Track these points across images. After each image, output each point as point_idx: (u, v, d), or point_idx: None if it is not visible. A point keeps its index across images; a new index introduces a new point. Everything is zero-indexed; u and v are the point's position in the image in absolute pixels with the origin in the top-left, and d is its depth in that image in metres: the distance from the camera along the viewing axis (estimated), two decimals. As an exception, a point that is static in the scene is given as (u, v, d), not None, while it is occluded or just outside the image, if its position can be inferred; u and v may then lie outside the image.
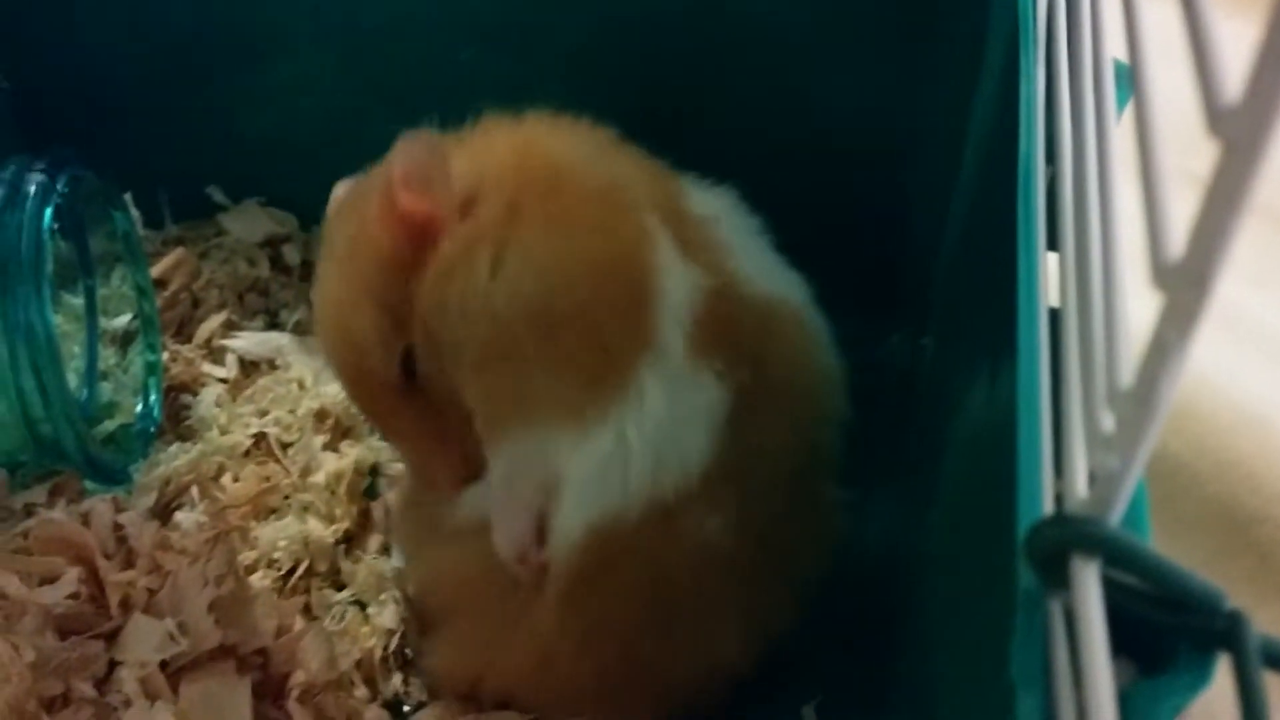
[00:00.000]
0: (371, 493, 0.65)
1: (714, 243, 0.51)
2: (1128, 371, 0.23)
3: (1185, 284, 0.20)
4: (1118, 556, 0.24)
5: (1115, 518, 0.24)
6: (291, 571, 0.59)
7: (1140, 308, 0.26)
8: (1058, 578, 0.25)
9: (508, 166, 0.49)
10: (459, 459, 0.51)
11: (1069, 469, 0.25)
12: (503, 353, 0.47)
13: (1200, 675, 0.25)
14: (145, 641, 0.48)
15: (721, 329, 0.48)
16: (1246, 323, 0.65)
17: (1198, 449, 0.59)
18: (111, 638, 0.49)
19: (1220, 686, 0.26)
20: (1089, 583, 0.24)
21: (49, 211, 0.55)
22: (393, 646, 0.56)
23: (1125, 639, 0.25)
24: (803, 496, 0.52)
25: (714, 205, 0.54)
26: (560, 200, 0.48)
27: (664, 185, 0.53)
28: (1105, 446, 0.24)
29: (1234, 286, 0.68)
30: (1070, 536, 0.24)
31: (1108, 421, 0.24)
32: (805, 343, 0.54)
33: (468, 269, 0.47)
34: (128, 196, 0.67)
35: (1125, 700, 0.24)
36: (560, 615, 0.49)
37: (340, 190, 0.59)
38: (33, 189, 0.55)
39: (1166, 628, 0.25)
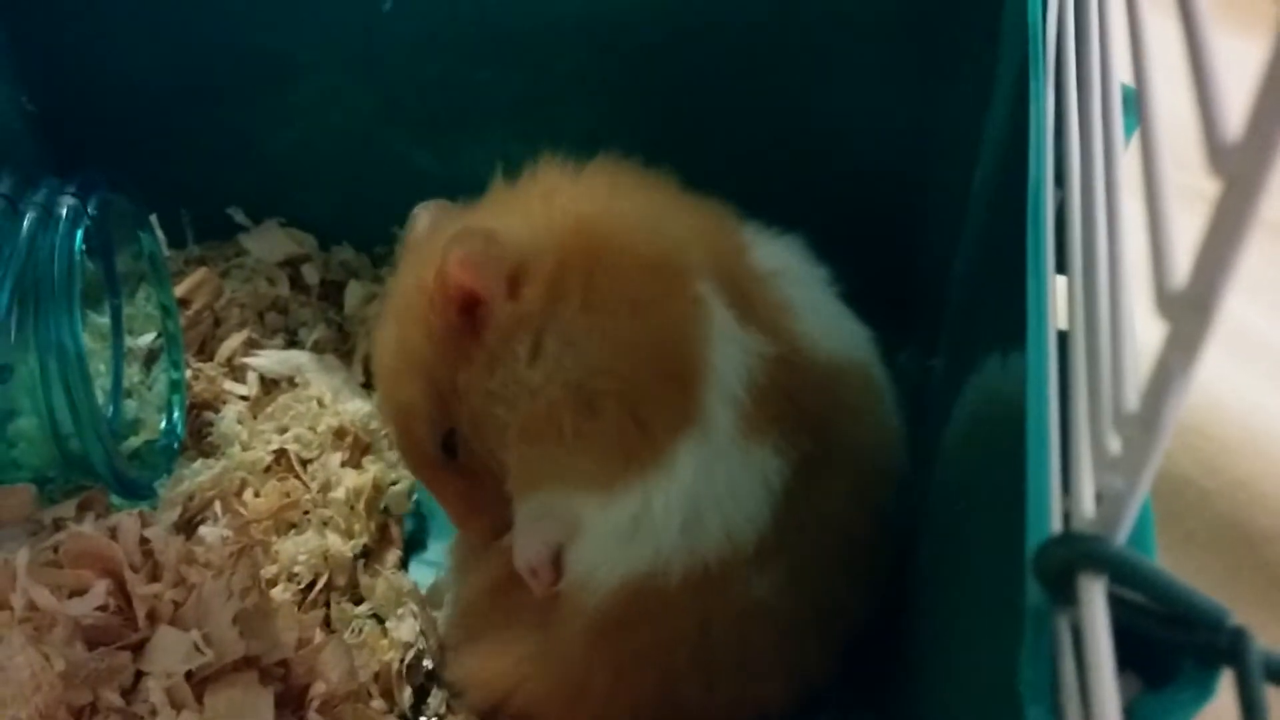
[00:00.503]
0: (388, 509, 0.66)
1: (777, 303, 0.50)
2: (1133, 395, 0.24)
3: (1189, 312, 0.21)
4: (1123, 574, 0.25)
5: (1121, 537, 0.25)
6: (311, 585, 0.60)
7: (1148, 329, 0.27)
8: (1065, 594, 0.26)
9: (555, 238, 0.49)
10: (492, 519, 0.54)
11: (1076, 489, 0.26)
12: (540, 432, 0.48)
13: (1204, 690, 0.26)
14: (171, 653, 0.49)
15: (782, 399, 0.48)
16: (1257, 342, 0.65)
17: (1208, 468, 0.59)
18: (138, 649, 0.50)
19: (1224, 702, 0.27)
20: (1095, 600, 0.25)
21: (80, 234, 0.56)
22: (409, 659, 0.57)
23: (1131, 654, 0.26)
24: (858, 557, 0.52)
25: (779, 259, 0.53)
26: (605, 278, 0.48)
27: (726, 241, 0.52)
28: (1111, 468, 0.24)
29: (1245, 306, 0.68)
30: (1077, 555, 0.25)
31: (1114, 444, 0.25)
32: (870, 404, 0.53)
33: (509, 357, 0.49)
34: (151, 218, 0.68)
35: (1130, 714, 0.25)
36: (592, 651, 0.50)
37: (420, 214, 0.59)
38: (64, 212, 0.56)
39: (1171, 644, 0.26)
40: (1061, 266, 0.36)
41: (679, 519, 0.47)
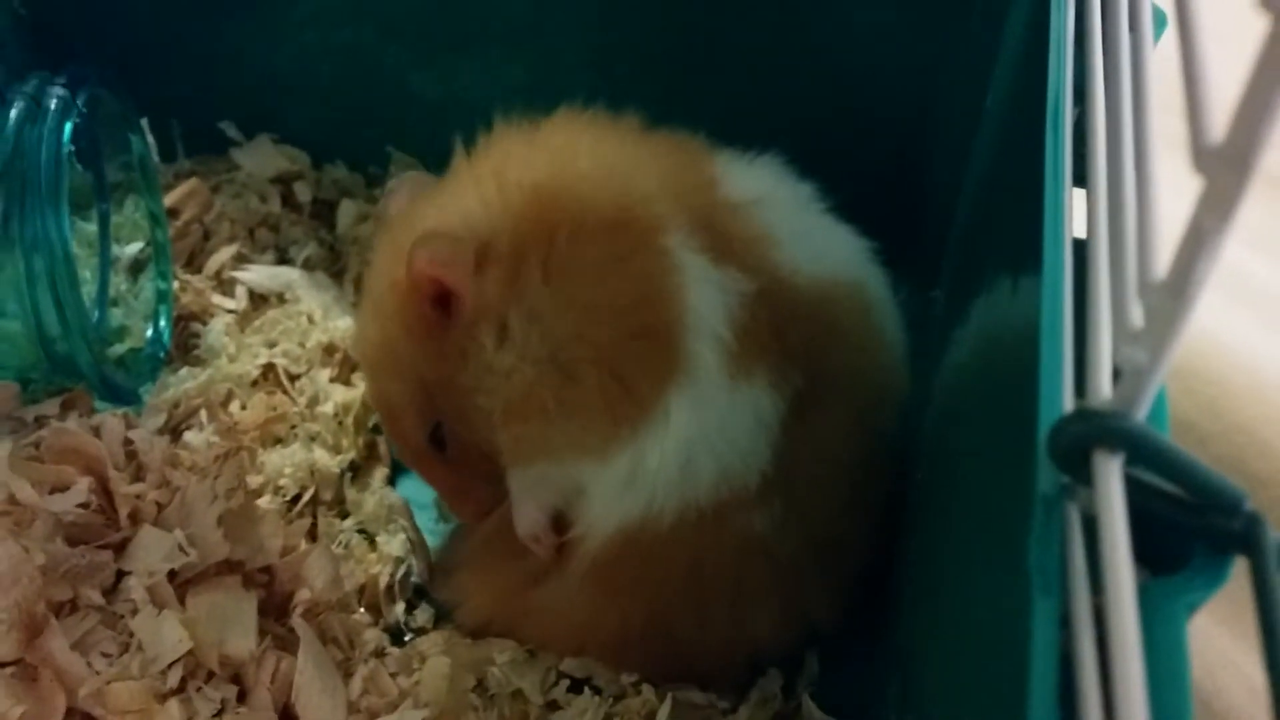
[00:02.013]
0: (377, 428, 0.65)
1: (755, 235, 0.49)
2: (1161, 263, 0.23)
3: (1225, 167, 0.21)
4: (1142, 452, 0.24)
5: (1141, 414, 0.24)
6: (297, 499, 0.59)
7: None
8: (1079, 475, 0.25)
9: (511, 217, 0.48)
10: (481, 499, 0.54)
11: (1093, 367, 0.25)
12: (525, 411, 0.48)
13: (1216, 575, 0.25)
14: (153, 552, 0.48)
15: (768, 335, 0.47)
16: (1259, 291, 0.65)
17: (1209, 411, 0.59)
18: (120, 549, 0.49)
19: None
20: (1112, 477, 0.24)
21: (69, 126, 0.55)
22: (399, 575, 0.57)
23: (1140, 546, 0.25)
24: (857, 488, 0.51)
25: (755, 187, 0.51)
26: (565, 247, 0.47)
27: (695, 178, 0.50)
28: (1133, 341, 0.24)
29: (1247, 257, 0.68)
30: (1094, 431, 0.24)
31: (1137, 316, 0.24)
32: (864, 323, 0.51)
33: (476, 347, 0.48)
34: (142, 122, 0.67)
35: (1141, 596, 0.25)
36: (583, 583, 0.50)
37: (396, 188, 0.59)
38: (53, 104, 0.55)
39: (1184, 529, 0.25)
40: (1079, 180, 0.35)
41: (675, 467, 0.46)
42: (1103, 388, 0.25)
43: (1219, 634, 0.54)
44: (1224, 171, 0.21)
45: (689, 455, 0.46)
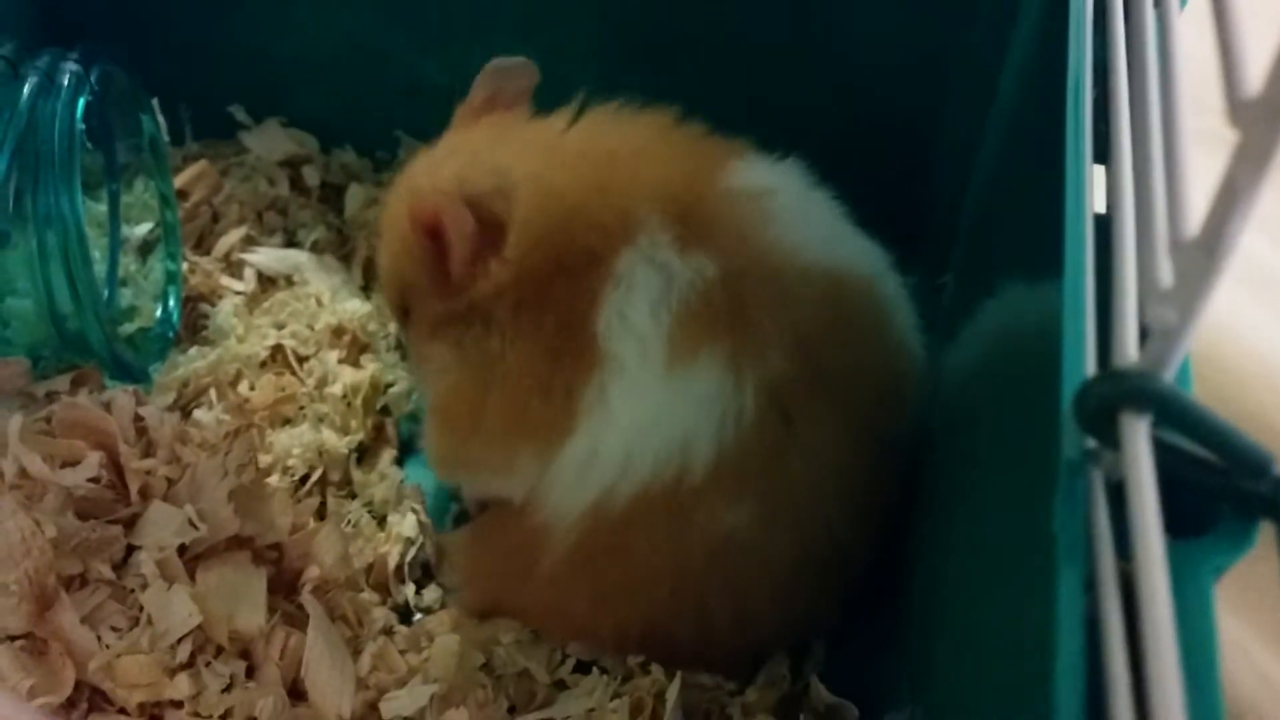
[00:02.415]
0: (386, 410, 0.65)
1: (749, 217, 0.47)
2: (1193, 221, 0.23)
3: (1262, 119, 0.20)
4: (1170, 412, 0.24)
5: (1169, 375, 0.24)
6: (306, 479, 0.59)
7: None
8: (1106, 438, 0.25)
9: (522, 208, 0.48)
10: None
11: (1119, 330, 0.25)
12: (436, 413, 0.53)
13: (1242, 539, 0.25)
14: (164, 526, 0.48)
15: (729, 314, 0.45)
16: (1272, 279, 0.65)
17: (1219, 398, 0.59)
18: (130, 524, 0.49)
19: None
20: (1140, 439, 0.24)
21: (81, 102, 0.55)
22: (410, 556, 0.57)
23: (1164, 510, 0.25)
24: (855, 491, 0.48)
25: (766, 180, 0.50)
26: (537, 261, 0.47)
27: (700, 169, 0.49)
28: (1162, 301, 0.24)
29: (1262, 245, 0.68)
30: (1122, 392, 0.24)
31: (1166, 275, 0.24)
32: (872, 323, 0.49)
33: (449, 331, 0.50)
34: (153, 102, 0.67)
35: (1168, 560, 0.25)
36: (572, 576, 0.50)
37: (490, 70, 0.58)
38: (66, 79, 0.54)
39: (1210, 492, 0.25)
40: (1100, 156, 0.35)
41: (619, 453, 0.46)
42: (1129, 350, 0.25)
43: (1231, 622, 0.54)
44: (1259, 124, 0.20)
45: (628, 445, 0.46)
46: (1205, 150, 0.28)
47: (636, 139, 0.50)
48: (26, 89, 0.53)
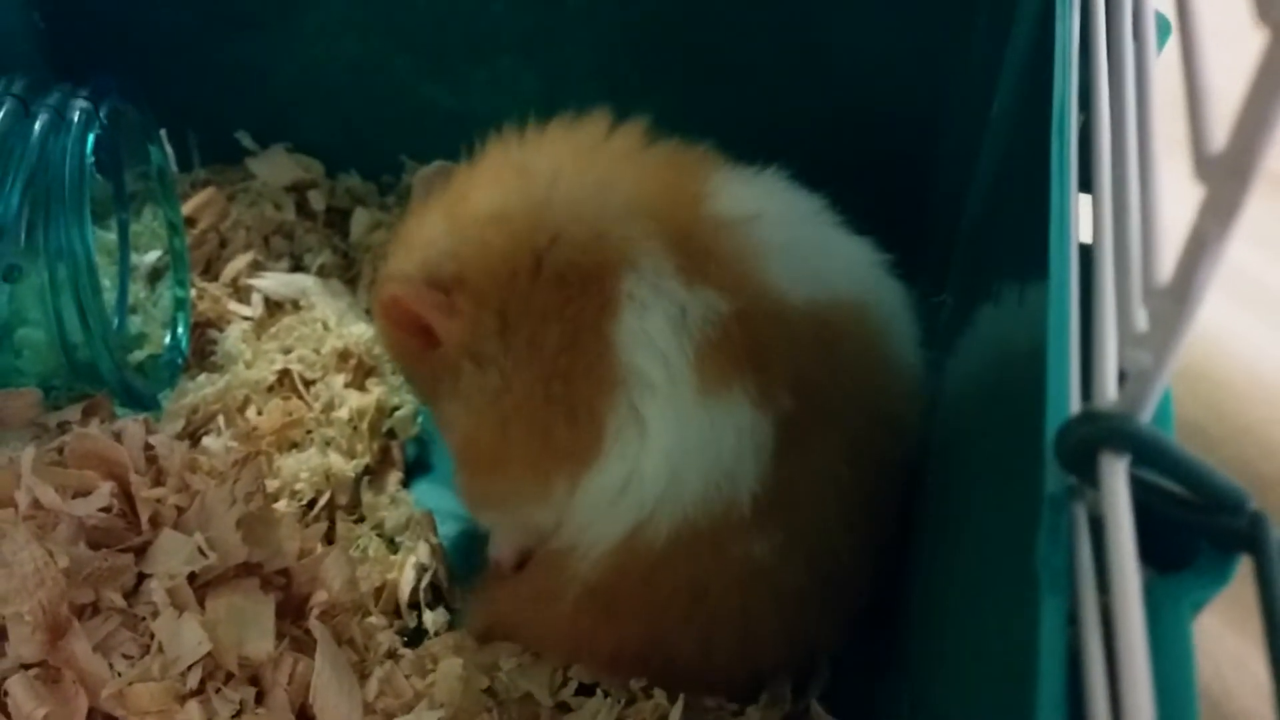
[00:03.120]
0: (391, 433, 0.66)
1: (743, 252, 0.47)
2: (1165, 268, 0.24)
3: (1227, 175, 0.21)
4: (1147, 453, 0.25)
5: (1146, 416, 0.25)
6: (313, 503, 0.60)
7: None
8: (1086, 476, 0.26)
9: (479, 248, 0.49)
10: None
11: (1099, 370, 0.26)
12: (462, 461, 0.53)
13: (1221, 574, 0.26)
14: (174, 555, 0.49)
15: (745, 354, 0.46)
16: (1263, 291, 0.66)
17: (1214, 413, 0.59)
18: (141, 552, 0.50)
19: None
20: (1118, 478, 0.25)
21: (91, 138, 0.56)
22: (424, 582, 0.57)
23: (1146, 546, 0.26)
24: (859, 515, 0.49)
25: (751, 201, 0.49)
26: (526, 290, 0.48)
27: (682, 193, 0.49)
28: (1138, 344, 0.24)
29: (1251, 257, 0.68)
30: (1100, 433, 0.25)
31: (1141, 320, 0.24)
32: (866, 345, 0.49)
33: (441, 388, 0.52)
34: (160, 132, 0.68)
35: (1147, 594, 0.25)
36: (583, 603, 0.50)
37: (425, 174, 0.62)
38: (76, 116, 0.56)
39: (1189, 528, 0.26)
40: (1085, 185, 0.35)
41: (661, 481, 0.46)
42: (1109, 390, 0.26)
43: (1228, 637, 0.54)
44: (1225, 180, 0.21)
45: (672, 469, 0.46)
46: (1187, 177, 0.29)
47: (610, 162, 0.50)
48: (38, 126, 0.55)
